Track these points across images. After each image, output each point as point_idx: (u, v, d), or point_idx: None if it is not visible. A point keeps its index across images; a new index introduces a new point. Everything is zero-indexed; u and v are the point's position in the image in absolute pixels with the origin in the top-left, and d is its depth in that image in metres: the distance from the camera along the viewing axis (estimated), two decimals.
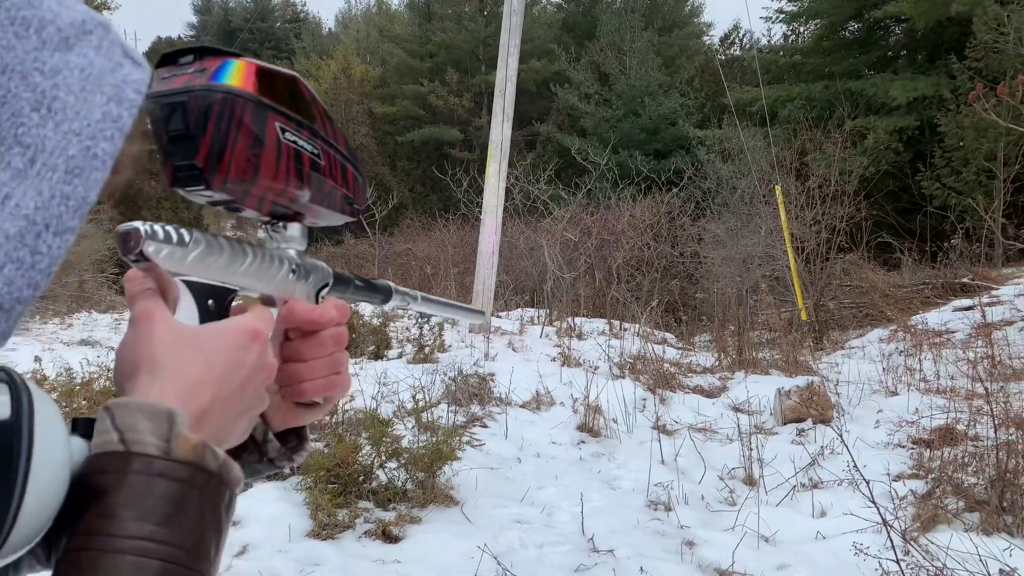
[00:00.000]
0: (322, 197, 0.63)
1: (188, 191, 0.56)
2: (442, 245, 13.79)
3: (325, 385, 0.66)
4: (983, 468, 4.23)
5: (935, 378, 6.32)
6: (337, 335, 0.66)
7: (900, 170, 15.86)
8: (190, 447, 0.48)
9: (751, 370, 7.15)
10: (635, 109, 22.15)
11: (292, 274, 0.64)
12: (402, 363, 6.61)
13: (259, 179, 0.57)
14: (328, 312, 0.65)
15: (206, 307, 0.57)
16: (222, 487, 0.49)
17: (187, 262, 0.55)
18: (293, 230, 0.65)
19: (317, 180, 0.62)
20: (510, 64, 8.05)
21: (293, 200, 0.62)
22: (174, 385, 0.51)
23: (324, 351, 0.65)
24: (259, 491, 3.84)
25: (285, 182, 0.59)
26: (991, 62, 13.49)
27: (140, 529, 0.44)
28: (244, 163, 0.55)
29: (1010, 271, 11.10)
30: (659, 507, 4.22)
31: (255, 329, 0.56)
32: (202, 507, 0.47)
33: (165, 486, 0.46)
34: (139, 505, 0.45)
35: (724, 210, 12.70)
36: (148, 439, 0.46)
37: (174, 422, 0.48)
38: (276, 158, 0.57)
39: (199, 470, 0.48)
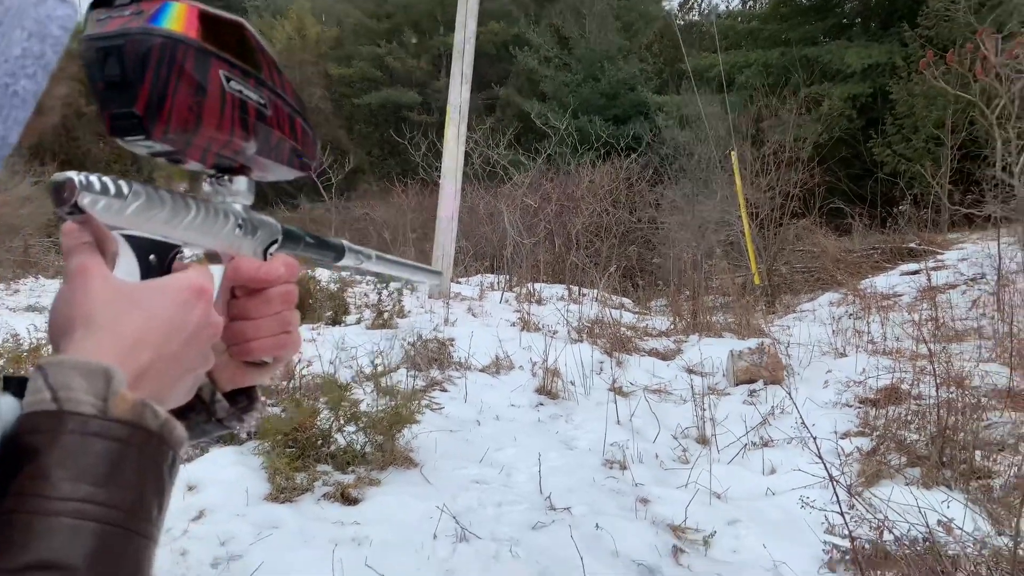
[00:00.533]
0: (269, 150, 0.61)
1: (127, 141, 0.54)
2: (400, 210, 13.66)
3: (274, 344, 0.64)
4: (925, 425, 4.40)
5: (882, 340, 6.52)
6: (286, 293, 0.64)
7: (853, 137, 16.12)
8: (128, 406, 0.46)
9: (705, 333, 7.29)
10: (594, 74, 22.06)
11: (238, 229, 0.61)
12: (361, 329, 6.58)
13: (202, 129, 0.54)
14: (276, 269, 0.63)
15: (147, 263, 0.55)
16: (163, 446, 0.48)
17: (126, 215, 0.52)
18: (239, 184, 0.62)
19: (264, 131, 0.59)
20: (468, 26, 7.94)
21: (239, 152, 0.59)
22: (111, 342, 0.49)
23: (272, 309, 0.63)
24: (215, 456, 3.82)
25: (230, 133, 0.56)
26: (942, 30, 13.71)
27: (75, 490, 0.42)
28: (186, 112, 0.53)
29: (955, 236, 11.44)
30: (615, 466, 4.31)
31: (199, 286, 0.54)
32: (141, 467, 0.46)
33: (101, 445, 0.44)
34: (74, 465, 0.43)
35: (681, 176, 12.80)
36: (83, 398, 0.45)
37: (111, 380, 0.46)
38: (220, 108, 0.55)
39: (138, 429, 0.46)
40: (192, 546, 3.06)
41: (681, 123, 14.90)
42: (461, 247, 10.30)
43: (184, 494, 3.45)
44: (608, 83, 21.73)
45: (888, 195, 14.11)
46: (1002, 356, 5.56)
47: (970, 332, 6.46)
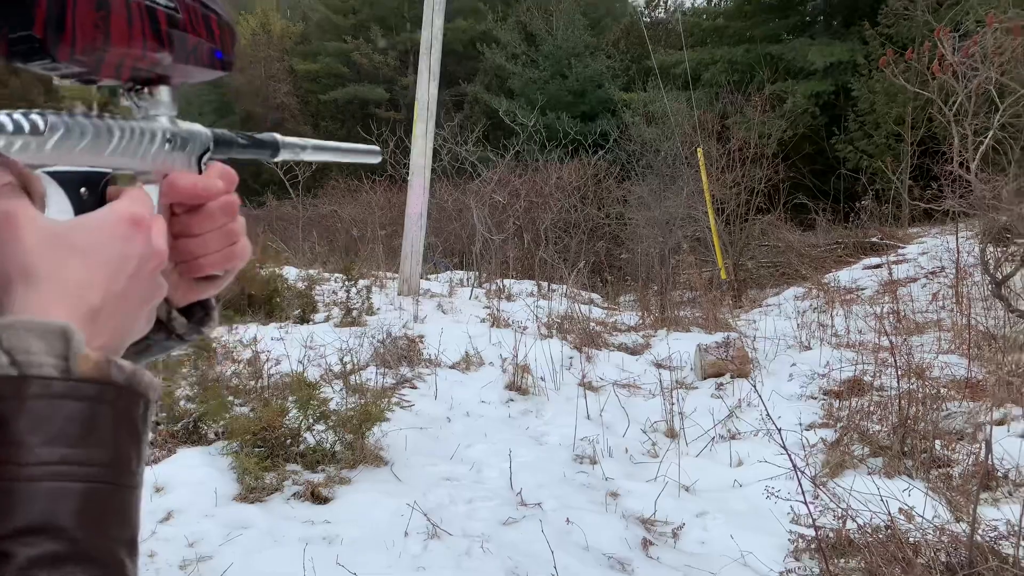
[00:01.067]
0: (187, 55, 0.57)
1: (30, 65, 0.49)
2: (369, 207, 13.57)
3: (222, 258, 0.62)
4: (887, 416, 4.50)
5: (845, 333, 6.64)
6: (226, 204, 0.61)
7: (816, 133, 16.37)
8: (91, 364, 0.45)
9: (673, 328, 7.36)
10: (562, 71, 22.12)
11: (167, 144, 0.58)
12: (329, 327, 6.54)
13: (111, 46, 0.50)
14: (213, 183, 0.60)
15: (79, 197, 0.52)
16: (134, 397, 0.47)
17: (46, 151, 0.49)
18: (161, 95, 0.58)
19: (179, 38, 0.55)
20: (435, 22, 7.91)
21: (155, 63, 0.55)
22: (56, 293, 0.47)
23: (215, 223, 0.61)
24: (183, 456, 3.78)
25: (142, 46, 0.52)
26: (901, 29, 13.99)
27: (52, 454, 0.42)
28: (91, 29, 0.48)
29: (915, 231, 11.69)
30: (585, 461, 4.34)
31: (134, 215, 0.51)
32: (116, 421, 0.45)
33: (71, 407, 0.43)
34: (46, 429, 0.42)
35: (648, 172, 12.90)
36: (44, 360, 0.43)
37: (70, 339, 0.44)
38: (127, 19, 0.51)
39: (105, 385, 0.45)
40: (160, 548, 3.03)
41: (648, 120, 15.02)
42: (430, 243, 10.28)
43: (152, 495, 3.41)
44: (575, 80, 21.81)
45: (851, 190, 14.37)
46: (961, 347, 5.70)
47: (930, 324, 6.61)
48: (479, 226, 10.68)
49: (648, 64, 15.56)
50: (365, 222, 12.72)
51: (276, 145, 0.71)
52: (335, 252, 11.26)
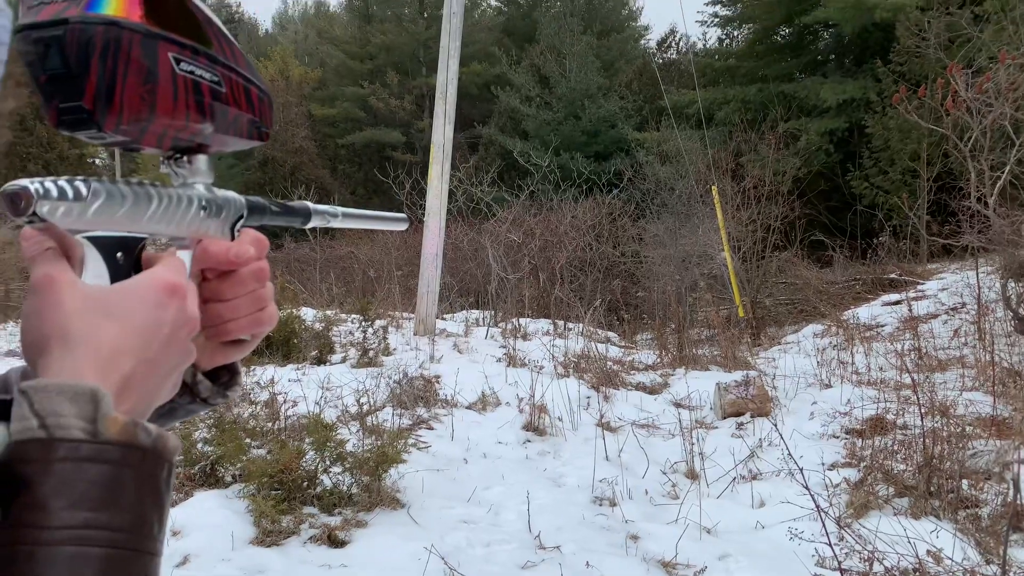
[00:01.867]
0: (227, 126, 0.58)
1: (77, 134, 0.51)
2: (385, 248, 13.68)
3: (250, 323, 0.63)
4: (911, 455, 4.42)
5: (866, 370, 6.56)
6: (257, 271, 0.62)
7: (831, 170, 16.40)
8: (119, 427, 0.45)
9: (691, 366, 7.30)
10: (575, 112, 22.38)
11: (203, 212, 0.59)
12: (346, 367, 6.54)
13: (156, 117, 0.52)
14: (245, 250, 0.61)
15: (115, 261, 0.53)
16: (158, 461, 0.47)
17: (87, 217, 0.50)
18: (199, 163, 0.60)
19: (220, 110, 0.57)
20: (451, 67, 8.05)
21: (196, 133, 0.57)
22: (90, 358, 0.47)
23: (245, 289, 0.62)
24: (200, 499, 3.76)
25: (185, 118, 0.54)
26: (913, 66, 14.06)
27: (74, 518, 0.42)
28: (138, 102, 0.50)
29: (934, 266, 11.60)
30: (604, 503, 4.28)
31: (170, 284, 0.52)
32: (139, 485, 0.46)
33: (96, 470, 0.44)
34: (70, 493, 0.42)
35: (663, 211, 12.93)
36: (72, 423, 0.44)
37: (99, 402, 0.45)
38: (173, 92, 0.52)
39: (131, 449, 0.46)
40: None
41: (662, 159, 15.11)
42: (446, 283, 10.31)
43: (168, 540, 3.39)
44: (589, 121, 22.05)
45: (867, 227, 14.32)
46: (985, 384, 5.60)
47: (953, 361, 6.51)
48: (494, 265, 10.71)
49: (661, 104, 15.71)
50: (381, 263, 12.80)
51: (308, 212, 0.73)
52: (352, 293, 11.32)
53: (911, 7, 14.32)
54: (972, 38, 11.66)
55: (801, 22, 18.62)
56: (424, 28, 27.96)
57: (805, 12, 17.81)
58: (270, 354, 6.65)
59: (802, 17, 18.05)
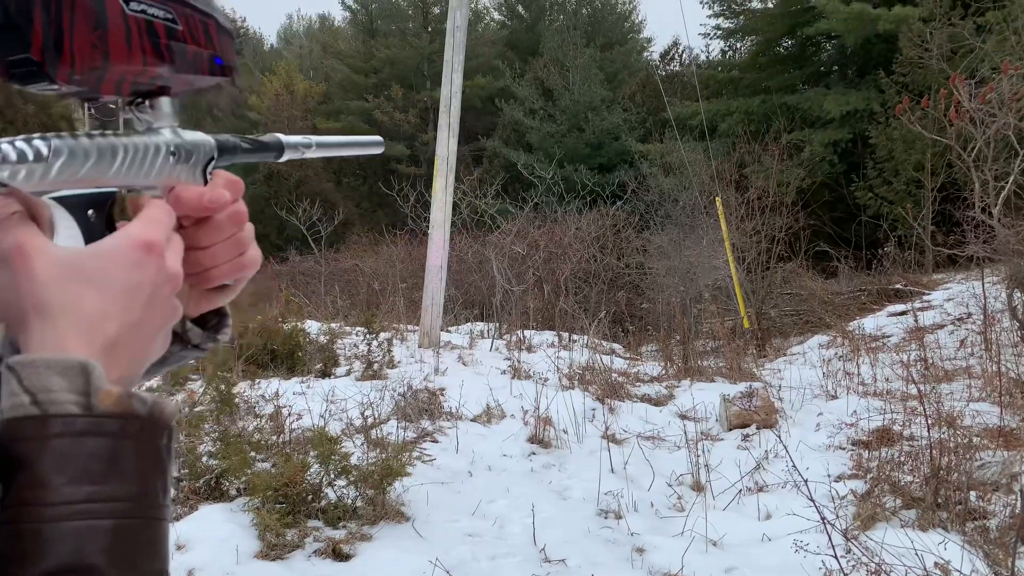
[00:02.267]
0: (187, 65, 0.55)
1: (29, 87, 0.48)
2: (390, 260, 13.70)
3: (232, 268, 0.61)
4: (918, 466, 4.39)
5: (872, 381, 6.53)
6: (234, 214, 0.60)
7: (835, 181, 16.41)
8: (113, 400, 0.45)
9: (696, 378, 7.28)
10: (579, 124, 22.45)
11: (172, 158, 0.56)
12: (350, 380, 6.54)
13: (111, 64, 0.49)
14: (220, 195, 0.58)
15: (86, 219, 0.52)
16: (156, 428, 0.47)
17: (51, 177, 0.48)
18: (162, 106, 0.57)
19: (178, 49, 0.54)
20: (455, 80, 8.09)
21: (156, 76, 0.54)
22: (72, 327, 0.46)
23: (224, 234, 0.60)
24: (205, 513, 3.76)
25: (142, 61, 0.51)
26: (916, 77, 14.09)
27: (77, 492, 0.42)
28: (89, 49, 0.47)
29: (940, 276, 11.57)
30: (609, 515, 4.26)
31: (147, 241, 0.51)
32: (139, 454, 0.45)
33: (94, 443, 0.43)
34: (70, 468, 0.42)
35: (667, 222, 12.94)
36: (64, 397, 0.43)
37: (90, 374, 0.44)
38: (126, 36, 0.49)
39: (129, 419, 0.45)
40: None
41: (665, 170, 15.14)
42: (450, 295, 10.32)
43: (173, 553, 3.38)
44: (593, 133, 22.11)
45: (872, 237, 14.32)
46: (992, 395, 5.58)
47: (959, 372, 6.49)
48: (499, 277, 10.72)
49: (664, 116, 15.75)
50: (386, 275, 12.82)
51: (281, 146, 0.71)
52: (356, 306, 11.34)
53: (913, 18, 14.36)
54: (975, 49, 11.69)
55: (804, 34, 18.68)
56: (428, 42, 28.12)
57: (808, 24, 17.88)
58: (275, 367, 6.66)
59: (805, 29, 18.12)
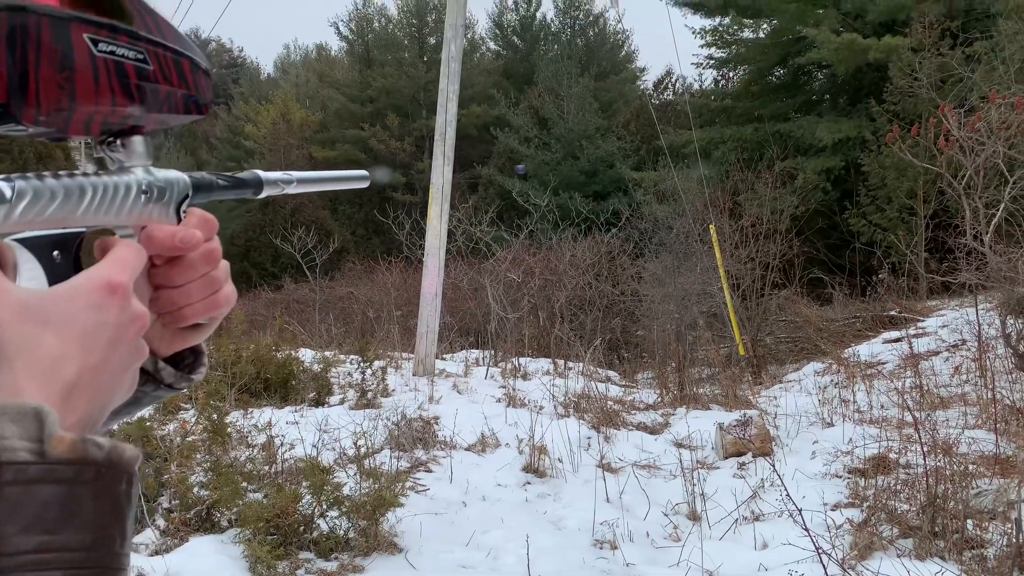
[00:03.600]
0: (160, 104, 0.55)
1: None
2: (385, 288, 13.71)
3: (205, 307, 0.60)
4: (915, 495, 4.37)
5: (868, 409, 6.52)
6: (207, 253, 0.59)
7: (829, 208, 16.50)
8: (66, 446, 0.43)
9: (692, 405, 7.26)
10: (573, 152, 22.62)
11: (143, 196, 0.55)
12: (344, 409, 6.50)
13: (78, 104, 0.49)
14: (190, 235, 0.58)
15: (51, 261, 0.51)
16: (115, 473, 0.45)
17: (13, 219, 0.46)
18: (135, 145, 0.56)
19: (150, 89, 0.53)
20: (449, 109, 8.15)
21: (126, 116, 0.53)
22: (29, 370, 0.45)
23: (197, 273, 0.59)
24: (195, 544, 3.71)
25: (111, 101, 0.51)
26: (907, 105, 14.24)
27: (27, 543, 0.40)
28: (55, 90, 0.47)
29: (934, 303, 11.59)
30: (605, 546, 4.22)
31: (110, 282, 0.49)
32: (96, 501, 0.44)
33: (48, 491, 0.41)
34: (20, 518, 0.40)
35: (661, 249, 12.98)
36: (16, 444, 0.41)
37: (44, 422, 0.43)
38: (93, 77, 0.49)
39: (84, 465, 0.43)
40: None
41: (659, 198, 15.22)
42: (445, 323, 10.30)
43: None
44: (587, 161, 22.26)
45: (866, 264, 14.36)
46: (987, 422, 5.56)
47: (954, 399, 6.48)
48: (494, 305, 10.72)
49: (658, 144, 15.87)
50: (381, 303, 12.82)
51: (259, 182, 0.69)
52: (351, 333, 11.31)
53: (903, 48, 14.55)
54: (963, 78, 11.84)
55: (795, 63, 18.91)
56: (424, 72, 28.37)
57: (799, 54, 18.09)
58: (268, 396, 6.62)
59: (796, 59, 18.34)
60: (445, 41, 8.18)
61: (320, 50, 40.93)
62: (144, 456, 4.37)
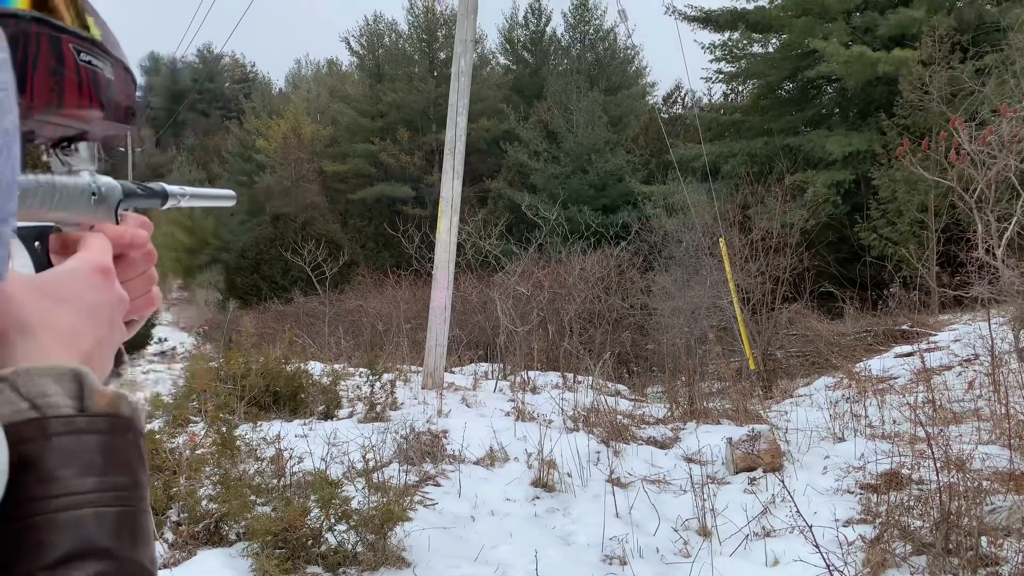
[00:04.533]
0: (112, 113, 0.59)
1: None
2: (394, 301, 13.73)
3: (143, 303, 0.65)
4: (928, 511, 4.32)
5: (880, 423, 6.46)
6: (148, 253, 0.65)
7: (839, 222, 16.45)
8: (107, 400, 0.49)
9: (702, 420, 7.21)
10: (583, 166, 22.65)
11: (93, 198, 0.61)
12: (352, 423, 6.50)
13: (63, 109, 0.53)
14: (139, 234, 0.63)
15: (34, 250, 0.56)
16: (136, 427, 0.51)
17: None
18: (83, 150, 0.61)
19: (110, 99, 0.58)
20: (459, 123, 8.19)
21: (87, 122, 0.58)
22: (53, 341, 0.50)
23: (137, 271, 0.64)
24: (203, 558, 3.71)
25: (88, 108, 0.55)
26: (917, 119, 14.21)
27: (84, 483, 0.45)
28: (47, 94, 0.51)
29: (946, 317, 11.51)
30: (614, 561, 4.19)
31: (104, 266, 0.56)
32: (128, 450, 0.49)
33: (94, 440, 0.47)
34: (76, 462, 0.45)
35: (671, 263, 12.97)
36: (61, 401, 0.46)
37: (83, 379, 0.48)
38: (78, 83, 0.53)
39: (117, 419, 0.49)
40: None
41: (669, 211, 15.21)
42: (454, 336, 10.31)
43: None
44: (596, 174, 22.29)
45: (877, 278, 14.30)
46: (1001, 438, 5.50)
47: (968, 414, 6.41)
48: (503, 318, 10.71)
49: (667, 158, 15.89)
50: (390, 316, 12.83)
51: (165, 194, 0.76)
52: (360, 347, 11.32)
53: (913, 61, 14.54)
54: (974, 91, 11.80)
55: (805, 77, 18.90)
56: (434, 86, 28.53)
57: (809, 67, 18.10)
58: (277, 409, 6.63)
59: (806, 72, 18.34)
60: (455, 56, 8.23)
61: (331, 65, 41.24)
62: (153, 469, 4.37)
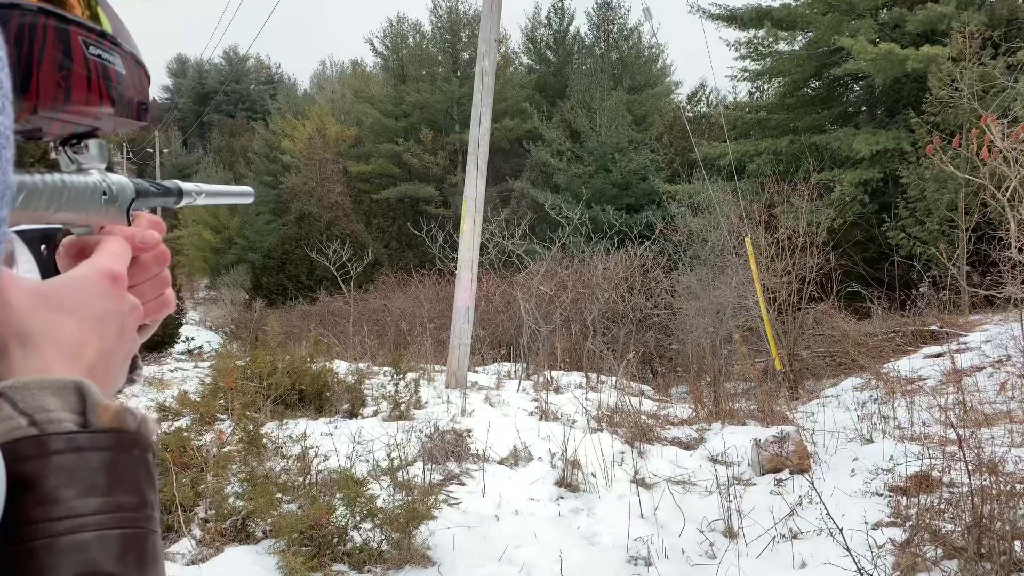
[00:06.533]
0: (123, 109, 0.57)
1: None
2: (418, 300, 13.78)
3: (156, 306, 0.62)
4: (959, 514, 4.24)
5: (909, 425, 6.36)
6: (160, 254, 0.62)
7: (866, 221, 16.24)
8: (111, 414, 0.46)
9: (728, 421, 7.15)
10: (606, 165, 22.56)
11: (104, 198, 0.58)
12: (377, 421, 6.53)
13: (70, 105, 0.50)
14: (151, 236, 0.60)
15: (40, 253, 0.54)
16: (144, 442, 0.48)
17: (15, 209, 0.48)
18: (93, 148, 0.58)
19: (121, 94, 0.56)
20: (483, 123, 8.19)
21: (98, 119, 0.55)
22: (56, 353, 0.47)
23: (150, 273, 0.61)
24: (230, 555, 3.74)
25: (98, 103, 0.53)
26: (947, 116, 13.98)
27: (86, 505, 0.43)
28: (54, 89, 0.49)
29: (977, 318, 11.30)
30: (639, 562, 4.17)
31: (114, 273, 0.53)
32: (134, 466, 0.46)
33: (97, 457, 0.44)
34: (77, 482, 0.43)
35: (696, 262, 12.88)
36: (62, 416, 0.44)
37: (85, 393, 0.45)
38: (87, 78, 0.51)
39: (123, 434, 0.46)
40: None
41: (693, 211, 15.11)
42: (478, 335, 10.32)
43: None
44: (620, 174, 22.19)
45: (905, 278, 14.08)
46: None
47: (1000, 416, 6.30)
48: (526, 317, 10.71)
49: (692, 157, 15.79)
50: (414, 315, 12.88)
51: (180, 191, 0.74)
52: (384, 346, 11.37)
53: (943, 58, 14.30)
54: (1006, 88, 11.59)
55: (831, 75, 18.68)
56: (457, 86, 28.59)
57: (835, 65, 17.89)
58: (303, 407, 6.68)
59: (832, 70, 18.12)
60: (479, 56, 8.24)
61: (355, 66, 41.50)
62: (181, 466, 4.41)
